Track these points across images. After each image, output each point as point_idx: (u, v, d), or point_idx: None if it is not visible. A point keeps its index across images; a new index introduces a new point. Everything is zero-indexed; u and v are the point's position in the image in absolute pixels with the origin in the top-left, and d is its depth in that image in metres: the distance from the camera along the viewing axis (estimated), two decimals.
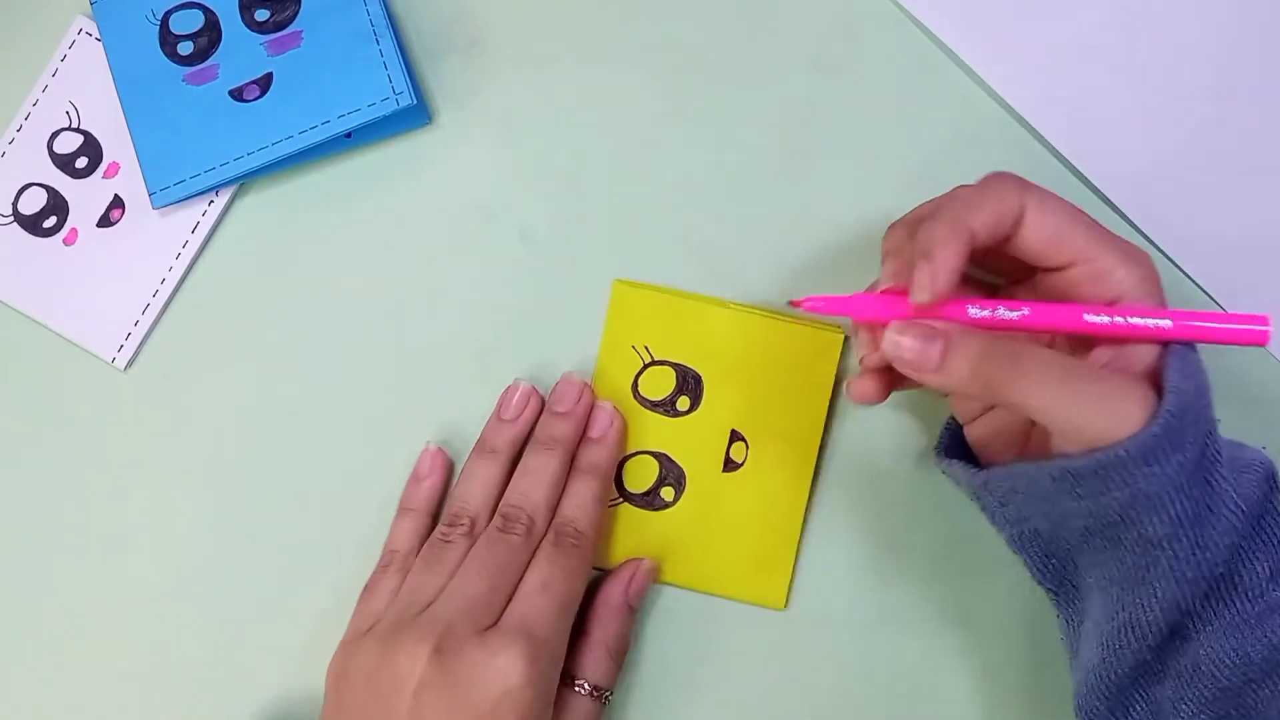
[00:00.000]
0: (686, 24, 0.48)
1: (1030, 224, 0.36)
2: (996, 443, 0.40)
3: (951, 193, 0.38)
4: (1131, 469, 0.34)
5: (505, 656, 0.38)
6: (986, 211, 0.36)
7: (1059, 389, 0.34)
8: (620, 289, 0.46)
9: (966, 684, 0.45)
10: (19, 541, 0.47)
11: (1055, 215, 0.36)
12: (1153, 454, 0.33)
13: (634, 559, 0.45)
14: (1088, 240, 0.36)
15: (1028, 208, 0.36)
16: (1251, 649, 0.35)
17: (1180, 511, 0.34)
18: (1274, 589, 0.35)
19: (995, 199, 0.36)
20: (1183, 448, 0.34)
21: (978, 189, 0.37)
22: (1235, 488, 0.35)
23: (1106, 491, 0.34)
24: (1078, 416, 0.34)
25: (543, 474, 0.43)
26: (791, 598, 0.46)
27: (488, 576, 0.40)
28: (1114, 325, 0.36)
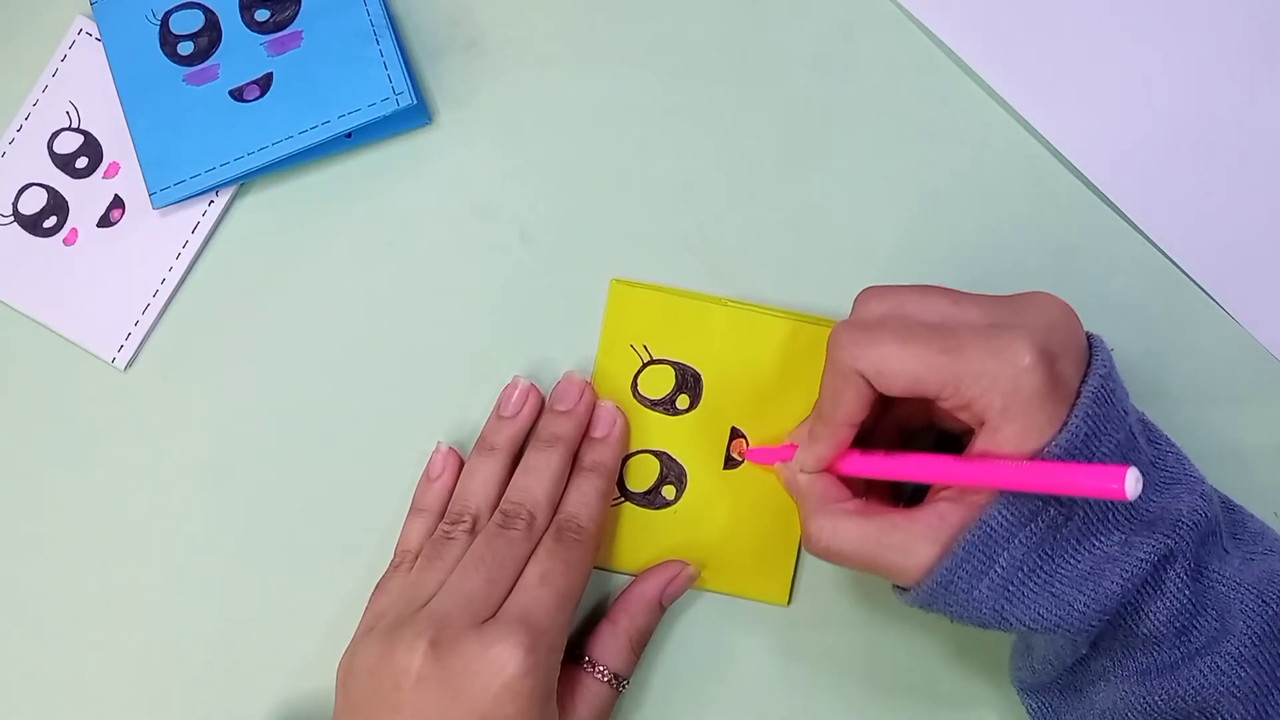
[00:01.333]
0: (686, 24, 0.48)
1: (880, 384, 0.37)
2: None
3: (821, 381, 0.39)
4: (935, 603, 0.37)
5: (502, 647, 0.38)
6: (843, 406, 0.38)
7: (863, 565, 0.38)
8: (618, 288, 0.46)
9: (966, 679, 0.45)
10: (19, 541, 0.47)
11: (894, 369, 0.36)
12: (941, 592, 0.36)
13: (678, 560, 0.45)
14: (937, 381, 0.36)
15: (868, 373, 0.37)
16: (1156, 699, 0.36)
17: (1023, 622, 0.36)
18: (1183, 643, 0.36)
19: (840, 388, 0.38)
20: (985, 575, 0.35)
21: (825, 378, 0.39)
22: (1089, 589, 0.35)
23: (938, 609, 0.37)
24: (885, 577, 0.38)
25: (544, 471, 0.43)
26: (794, 594, 0.46)
27: (485, 570, 0.40)
28: (962, 478, 0.37)
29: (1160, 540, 0.35)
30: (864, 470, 0.39)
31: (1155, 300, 0.46)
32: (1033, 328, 0.36)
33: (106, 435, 0.47)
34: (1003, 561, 0.35)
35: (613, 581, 0.46)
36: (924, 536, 0.36)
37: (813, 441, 0.40)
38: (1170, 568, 0.36)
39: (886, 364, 0.36)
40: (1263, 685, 0.35)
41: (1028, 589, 0.35)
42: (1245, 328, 0.46)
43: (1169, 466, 0.38)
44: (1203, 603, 0.36)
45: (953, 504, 0.37)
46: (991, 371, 0.35)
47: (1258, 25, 0.47)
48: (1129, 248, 0.46)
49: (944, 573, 0.36)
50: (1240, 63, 0.47)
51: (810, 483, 0.40)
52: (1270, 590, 0.36)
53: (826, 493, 0.39)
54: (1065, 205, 0.47)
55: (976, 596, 0.36)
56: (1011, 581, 0.35)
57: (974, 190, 0.47)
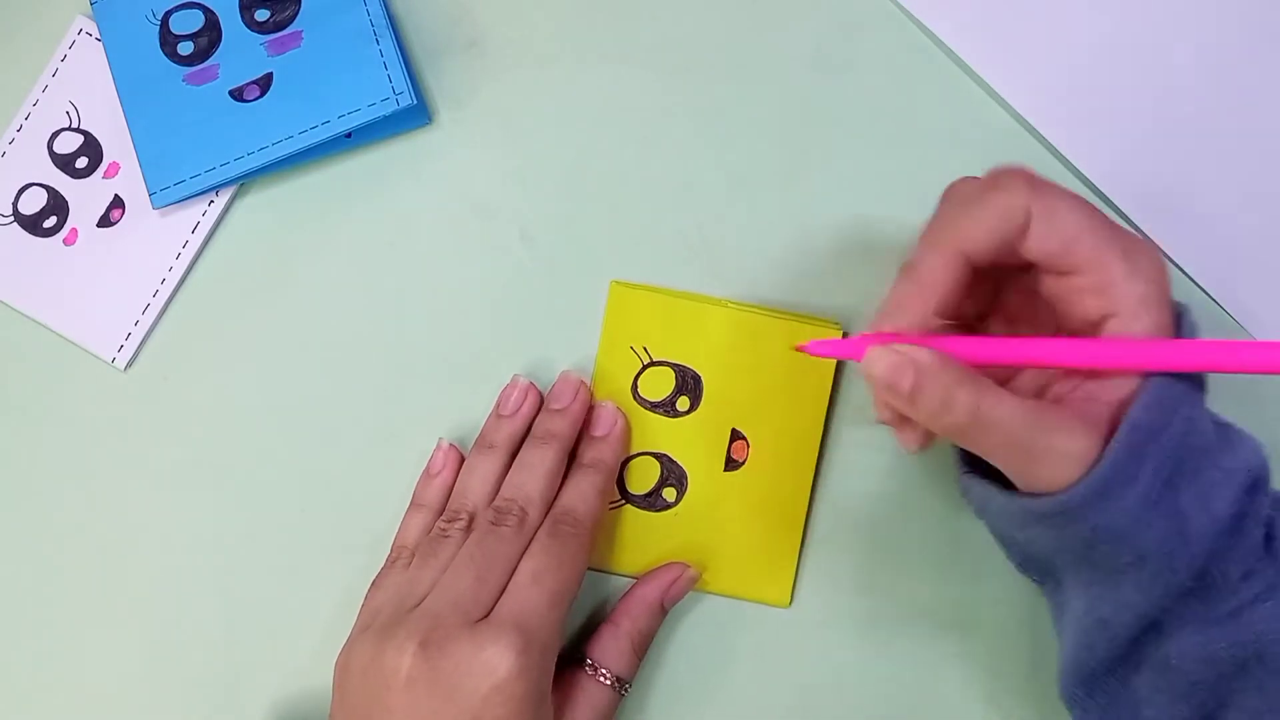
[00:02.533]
0: (686, 24, 0.48)
1: (1035, 233, 0.35)
2: None
3: (953, 193, 0.38)
4: (1084, 510, 0.34)
5: (493, 649, 0.38)
6: (984, 228, 0.35)
7: (1009, 448, 0.35)
8: (617, 290, 0.46)
9: (968, 681, 0.45)
10: (19, 541, 0.47)
11: (1062, 223, 0.35)
12: (1100, 496, 0.34)
13: (679, 563, 0.45)
14: (1093, 250, 0.35)
15: (1033, 215, 0.35)
16: (1218, 646, 0.36)
17: (1145, 542, 0.35)
18: (1245, 589, 0.36)
19: (997, 212, 0.35)
20: (1136, 482, 0.34)
21: (980, 196, 0.36)
22: (1207, 507, 0.35)
23: (1067, 526, 0.35)
24: (1027, 472, 0.35)
25: (538, 467, 0.43)
26: (795, 595, 0.46)
27: (475, 568, 0.40)
28: (1092, 360, 0.35)
29: (1249, 468, 0.35)
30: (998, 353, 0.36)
31: None
32: (1159, 255, 0.36)
33: (106, 435, 0.47)
34: (1148, 468, 0.34)
35: (613, 584, 0.46)
36: (1082, 424, 0.34)
37: (917, 268, 0.36)
38: (1254, 500, 0.35)
39: (1061, 209, 0.35)
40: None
41: (1163, 503, 0.34)
42: (1245, 328, 0.46)
43: (1221, 420, 0.37)
44: (1267, 549, 0.36)
45: (1091, 403, 0.35)
46: (1143, 265, 0.35)
47: (1258, 26, 0.47)
48: None
49: (1106, 473, 0.34)
50: (1241, 63, 0.47)
51: (937, 355, 0.35)
52: None
53: (966, 365, 0.35)
54: None
55: (1125, 506, 0.34)
56: (1152, 491, 0.34)
57: None
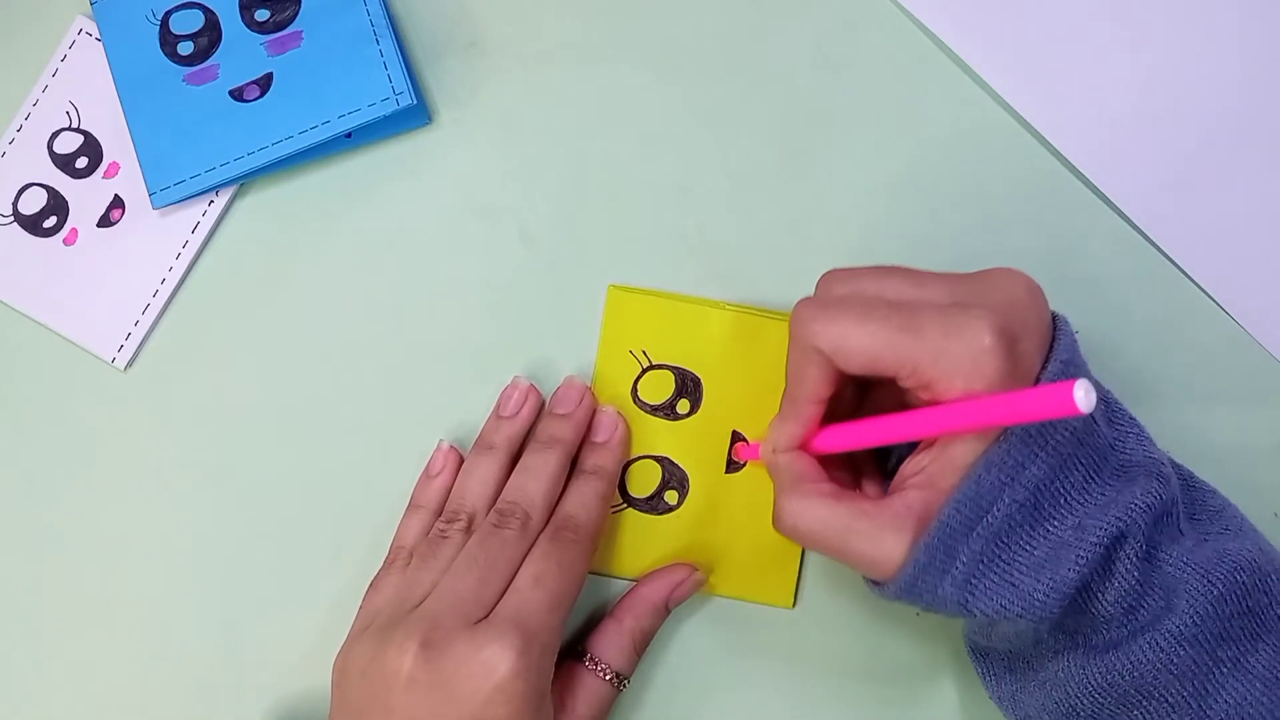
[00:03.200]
0: (686, 24, 0.48)
1: (839, 361, 0.37)
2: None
3: (788, 362, 0.39)
4: (903, 599, 0.37)
5: (493, 649, 0.38)
6: (809, 385, 0.38)
7: (829, 552, 0.38)
8: (615, 294, 0.46)
9: (969, 681, 0.45)
10: (19, 541, 0.47)
11: (853, 347, 0.36)
12: (909, 591, 0.36)
13: (687, 564, 0.45)
14: (894, 360, 0.36)
15: (827, 350, 0.37)
16: (1094, 675, 0.37)
17: (982, 610, 0.36)
18: (1128, 621, 0.36)
19: (802, 366, 0.38)
20: (947, 574, 0.36)
21: (789, 356, 0.39)
22: (1049, 574, 0.35)
23: (906, 602, 0.37)
24: (853, 567, 0.38)
25: (541, 471, 0.43)
26: (798, 596, 0.46)
27: (478, 571, 0.40)
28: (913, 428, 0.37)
29: (1112, 522, 0.35)
30: (829, 443, 0.39)
31: (1155, 300, 0.46)
32: (993, 307, 0.35)
33: (106, 435, 0.47)
34: (964, 556, 0.35)
35: (614, 587, 0.46)
36: (890, 525, 0.36)
37: (782, 420, 0.40)
38: (1121, 549, 0.36)
39: (845, 341, 0.36)
40: (1202, 664, 0.36)
41: (989, 581, 0.36)
42: (1245, 328, 0.46)
43: (1128, 449, 0.38)
44: (1150, 583, 0.36)
45: (919, 491, 0.37)
46: (951, 351, 0.35)
47: (1258, 24, 0.47)
48: (1129, 247, 0.46)
49: (909, 575, 0.36)
50: (1241, 62, 0.47)
51: (787, 462, 0.40)
52: (1217, 570, 0.36)
53: (802, 473, 0.39)
54: (1065, 205, 0.47)
55: (941, 593, 0.36)
56: (973, 575, 0.36)
57: (974, 190, 0.47)
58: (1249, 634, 0.36)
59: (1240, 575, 0.36)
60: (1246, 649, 0.36)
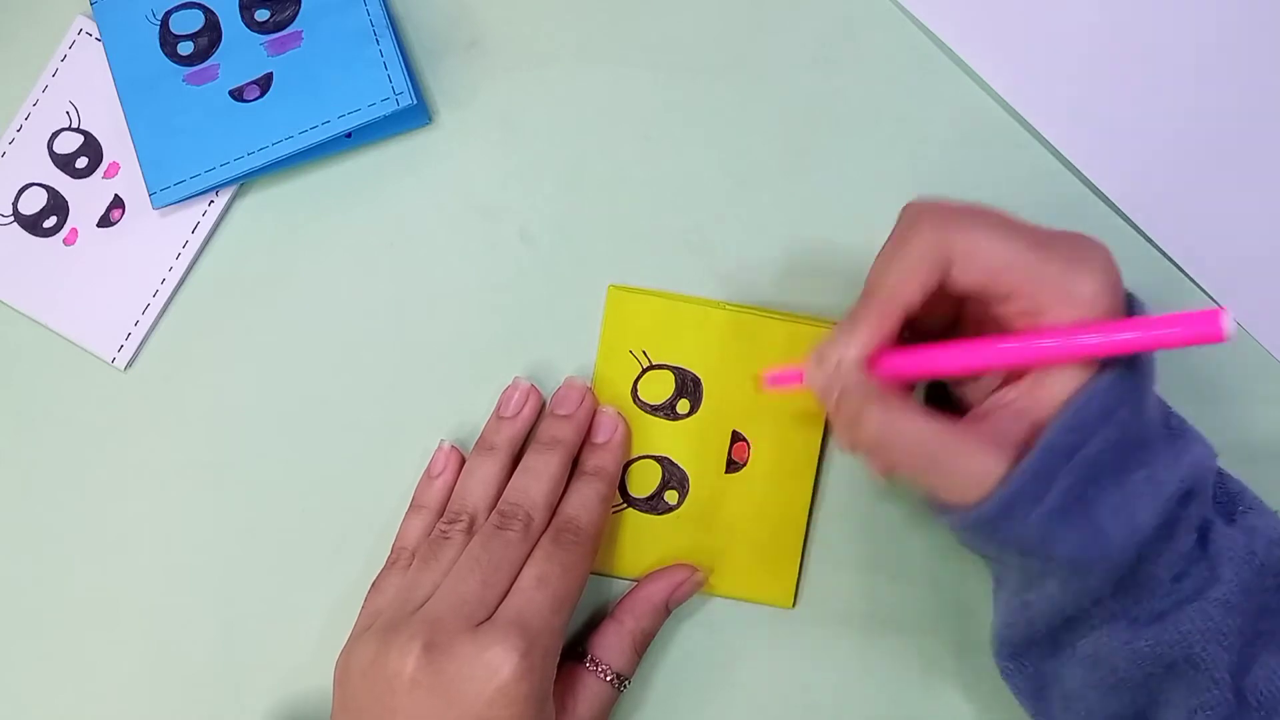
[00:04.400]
0: (686, 24, 0.48)
1: (958, 271, 0.35)
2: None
3: (879, 256, 0.37)
4: (988, 525, 0.35)
5: (496, 651, 0.38)
6: (908, 281, 0.36)
7: (917, 467, 0.36)
8: (615, 294, 0.46)
9: (970, 680, 0.45)
10: (19, 541, 0.47)
11: (983, 257, 0.35)
12: (1003, 515, 0.35)
13: (687, 565, 0.45)
14: (1021, 275, 0.35)
15: (954, 253, 0.35)
16: (1142, 644, 0.36)
17: (1058, 552, 0.35)
18: (1175, 591, 0.36)
19: (915, 262, 0.36)
20: (1042, 501, 0.34)
21: (898, 246, 0.36)
22: (1128, 519, 0.35)
23: (977, 535, 0.37)
24: (937, 488, 0.36)
25: (542, 472, 0.43)
26: (798, 596, 0.46)
27: (480, 572, 0.40)
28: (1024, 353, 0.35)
29: (1185, 476, 0.35)
30: (915, 365, 0.37)
31: (1155, 300, 0.46)
32: (1104, 257, 0.35)
33: (106, 435, 0.47)
34: (1059, 486, 0.34)
35: (615, 587, 0.46)
36: (989, 446, 0.35)
37: (854, 324, 0.36)
38: (1187, 508, 0.36)
39: (980, 246, 0.35)
40: (1245, 632, 0.36)
41: (1075, 518, 0.35)
42: (1245, 328, 0.46)
43: (1174, 424, 0.38)
44: (1200, 552, 0.36)
45: (1014, 422, 0.35)
46: (1074, 283, 0.34)
47: (1259, 26, 0.47)
48: (1129, 248, 0.46)
49: (1004, 498, 0.34)
50: (1242, 63, 0.47)
51: (860, 378, 0.36)
52: (1256, 542, 0.36)
53: (883, 387, 0.36)
54: (1066, 205, 0.46)
55: (1031, 522, 0.34)
56: (1062, 508, 0.34)
57: (974, 191, 0.46)
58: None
59: (1276, 550, 0.36)
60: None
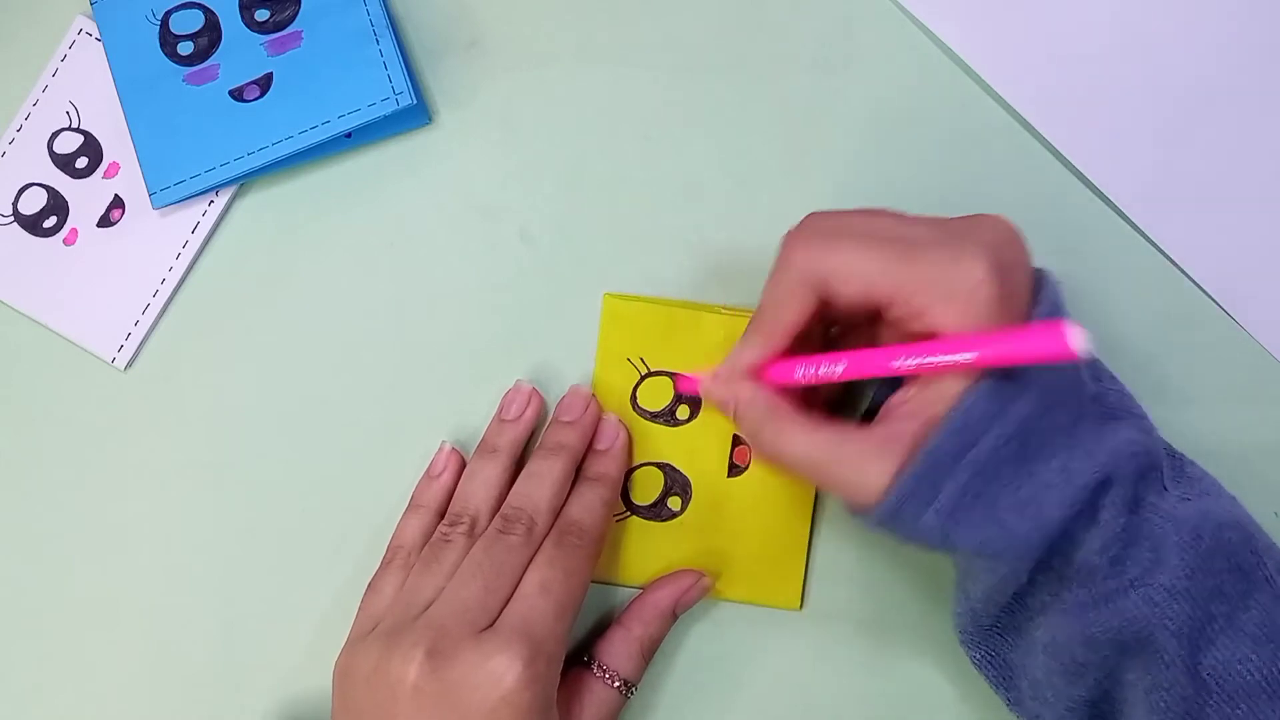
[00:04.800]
0: (686, 24, 0.48)
1: (835, 287, 0.36)
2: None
3: (764, 290, 0.39)
4: (885, 527, 0.37)
5: (500, 659, 0.38)
6: (789, 312, 0.38)
7: (812, 478, 0.38)
8: (611, 303, 0.46)
9: (980, 682, 0.45)
10: (19, 541, 0.47)
11: (852, 272, 0.36)
12: (893, 517, 0.36)
13: (694, 570, 0.45)
14: (893, 286, 0.35)
15: (825, 274, 0.36)
16: (1094, 630, 0.36)
17: (964, 545, 0.36)
18: (1117, 574, 0.36)
19: (789, 290, 0.37)
20: (932, 502, 0.35)
21: (775, 278, 0.38)
22: (1034, 513, 0.35)
23: (890, 536, 0.37)
24: (836, 494, 0.38)
25: (546, 477, 0.43)
26: (805, 597, 0.46)
27: (483, 577, 0.40)
28: (916, 368, 0.36)
29: (1098, 466, 0.36)
30: (794, 374, 0.38)
31: (1155, 300, 0.46)
32: (986, 242, 0.36)
33: (106, 435, 0.47)
34: (949, 487, 0.35)
35: (620, 595, 0.46)
36: (876, 452, 0.36)
37: (744, 344, 0.39)
38: (1106, 495, 0.36)
39: (845, 267, 0.36)
40: (1195, 618, 0.36)
41: (973, 514, 0.36)
42: (1245, 328, 0.46)
43: (1110, 403, 0.38)
44: (1137, 534, 0.36)
45: (905, 422, 0.36)
46: (948, 280, 0.35)
47: (1260, 27, 0.47)
48: (1129, 248, 0.46)
49: (892, 503, 0.36)
50: (1242, 64, 0.47)
51: (751, 392, 0.39)
52: (1205, 526, 0.36)
53: (774, 401, 0.38)
54: (1066, 206, 0.47)
55: (924, 523, 0.36)
56: (957, 507, 0.35)
57: (974, 191, 0.47)
58: (1239, 592, 0.36)
59: (1227, 532, 0.36)
60: (1237, 606, 0.36)
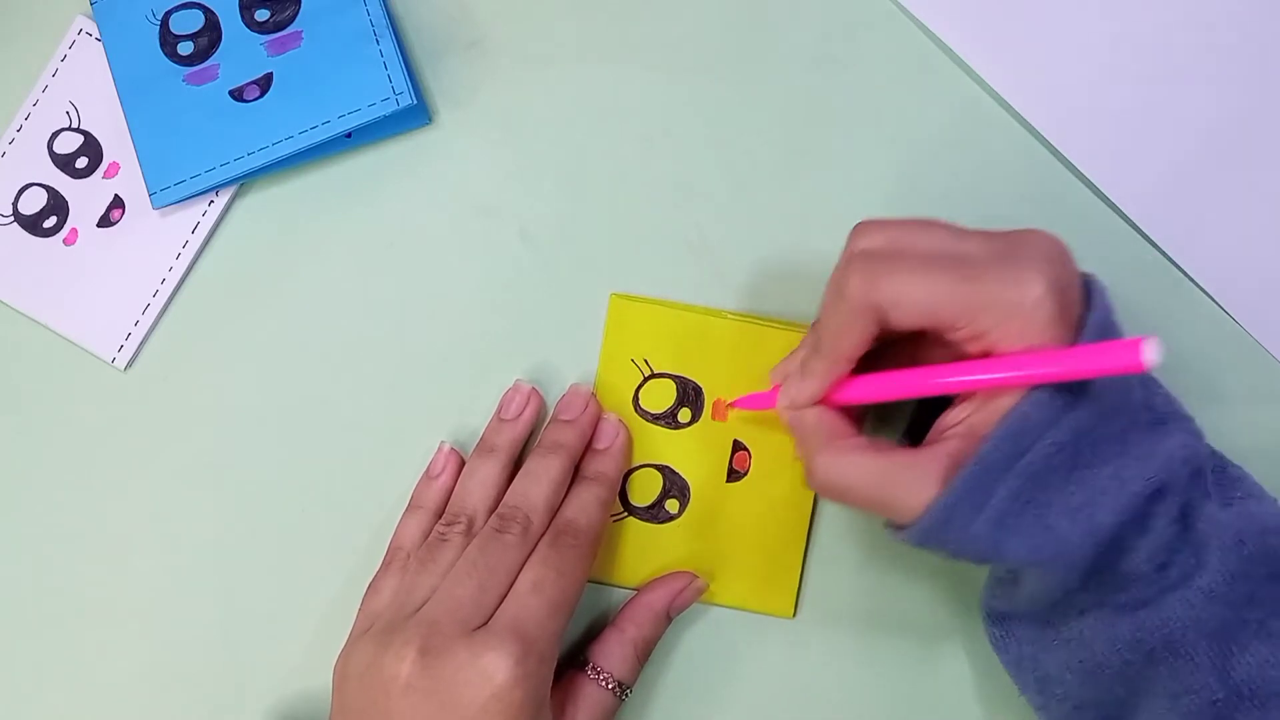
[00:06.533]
0: (686, 24, 0.48)
1: (893, 317, 0.36)
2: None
3: (821, 313, 0.39)
4: (930, 538, 0.36)
5: (491, 656, 0.38)
6: (850, 338, 0.37)
7: (865, 504, 0.38)
8: (617, 303, 0.46)
9: (970, 689, 0.45)
10: (19, 541, 0.47)
11: (911, 299, 0.36)
12: (942, 526, 0.36)
13: (687, 572, 0.45)
14: (955, 310, 0.35)
15: (882, 303, 0.36)
16: (1122, 630, 0.37)
17: (1011, 555, 0.36)
18: (1159, 579, 0.36)
19: (849, 319, 0.37)
20: (982, 510, 0.35)
21: (834, 306, 0.38)
22: (1085, 519, 0.35)
23: (933, 550, 0.37)
24: (886, 515, 0.38)
25: (543, 476, 0.43)
26: (799, 606, 0.46)
27: (477, 576, 0.40)
28: (962, 384, 0.36)
29: (1154, 474, 0.36)
30: (862, 394, 0.39)
31: (1155, 300, 0.46)
32: (1042, 259, 0.35)
33: (106, 435, 0.47)
34: (1000, 494, 0.35)
35: (615, 596, 0.46)
36: (931, 474, 0.36)
37: (806, 376, 0.39)
38: (1160, 503, 0.36)
39: (905, 293, 0.36)
40: (1229, 622, 0.36)
41: (1024, 522, 0.35)
42: (1245, 328, 0.46)
43: (1158, 407, 0.38)
44: (1184, 540, 0.36)
45: (960, 440, 0.36)
46: (1008, 300, 0.35)
47: (1260, 26, 0.47)
48: (1129, 248, 0.46)
49: (942, 509, 0.35)
50: (1242, 62, 0.47)
51: (815, 417, 0.39)
52: (1248, 530, 0.36)
53: (833, 428, 0.39)
54: (1066, 206, 0.47)
55: (974, 531, 0.35)
56: (1008, 514, 0.35)
57: (974, 191, 0.47)
58: (1274, 598, 0.36)
59: (1270, 538, 0.37)
60: (1272, 612, 0.36)
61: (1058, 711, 0.40)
